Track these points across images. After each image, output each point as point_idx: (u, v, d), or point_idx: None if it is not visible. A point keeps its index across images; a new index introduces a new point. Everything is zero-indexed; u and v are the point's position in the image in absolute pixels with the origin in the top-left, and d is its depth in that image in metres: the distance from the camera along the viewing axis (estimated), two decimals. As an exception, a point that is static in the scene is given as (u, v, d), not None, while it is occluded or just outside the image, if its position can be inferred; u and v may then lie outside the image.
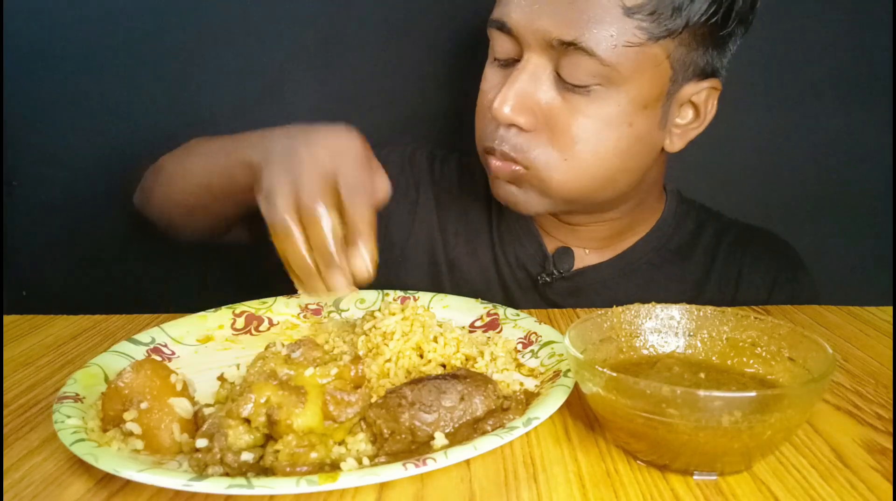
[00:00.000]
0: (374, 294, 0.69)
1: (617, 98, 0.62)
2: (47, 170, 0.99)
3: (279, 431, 0.40)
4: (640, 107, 0.63)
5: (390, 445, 0.42)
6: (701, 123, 0.69)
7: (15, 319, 0.69)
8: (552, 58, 0.62)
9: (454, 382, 0.46)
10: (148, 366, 0.46)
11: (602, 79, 0.61)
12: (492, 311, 0.65)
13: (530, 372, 0.55)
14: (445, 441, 0.42)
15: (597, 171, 0.65)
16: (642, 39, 0.59)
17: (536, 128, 0.63)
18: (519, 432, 0.42)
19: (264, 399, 0.41)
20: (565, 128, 0.63)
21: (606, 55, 0.59)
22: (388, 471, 0.38)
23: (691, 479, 0.40)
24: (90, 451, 0.39)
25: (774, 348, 0.46)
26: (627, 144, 0.64)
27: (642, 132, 0.64)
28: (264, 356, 0.48)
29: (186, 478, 0.37)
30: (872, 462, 0.42)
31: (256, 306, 0.66)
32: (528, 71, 0.62)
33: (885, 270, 0.97)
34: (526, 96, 0.62)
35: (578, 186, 0.65)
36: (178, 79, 0.97)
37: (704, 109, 0.68)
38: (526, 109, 0.63)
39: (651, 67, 0.61)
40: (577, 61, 0.60)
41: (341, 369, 0.45)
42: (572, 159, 0.63)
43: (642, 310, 0.50)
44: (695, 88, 0.66)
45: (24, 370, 0.57)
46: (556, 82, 0.62)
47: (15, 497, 0.39)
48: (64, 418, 0.43)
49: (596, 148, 0.63)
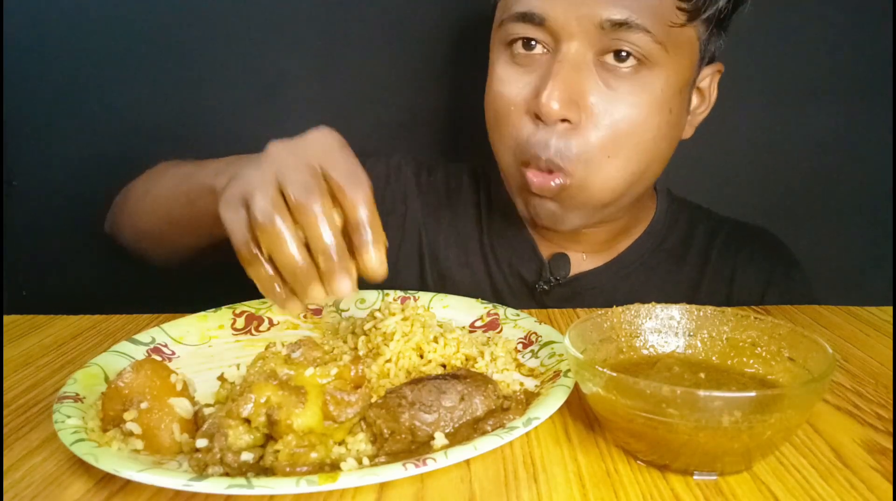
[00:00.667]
0: (375, 294, 0.69)
1: (658, 82, 0.61)
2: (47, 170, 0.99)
3: (279, 431, 0.40)
4: (677, 91, 0.63)
5: (390, 445, 0.42)
6: (707, 108, 0.69)
7: (15, 319, 0.69)
8: (594, 44, 0.60)
9: (454, 382, 0.46)
10: (148, 366, 0.46)
11: (649, 60, 0.60)
12: (492, 311, 0.65)
13: (530, 372, 0.55)
14: (445, 441, 0.42)
15: (637, 162, 0.64)
16: (682, 20, 0.60)
17: (581, 122, 0.61)
18: (519, 432, 0.42)
19: (264, 399, 0.41)
20: (610, 118, 0.61)
21: (657, 31, 0.59)
22: (387, 471, 0.38)
23: (691, 479, 0.40)
24: (90, 451, 0.39)
25: (774, 348, 0.46)
26: (666, 130, 0.64)
27: (677, 118, 0.65)
28: (264, 356, 0.48)
29: (186, 478, 0.37)
30: (872, 462, 0.42)
31: (257, 305, 0.66)
32: (570, 61, 0.60)
33: (885, 270, 0.97)
34: (572, 89, 0.60)
35: (616, 185, 0.64)
36: (179, 79, 0.97)
37: (709, 93, 0.69)
38: (573, 102, 0.61)
39: (688, 49, 0.62)
40: (627, 41, 0.59)
41: (341, 369, 0.45)
42: (615, 156, 0.62)
43: (642, 310, 0.50)
44: (704, 73, 0.67)
45: (24, 370, 0.57)
46: (598, 70, 0.61)
47: (15, 497, 0.39)
48: (64, 418, 0.43)
49: (641, 135, 0.62)
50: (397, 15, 0.96)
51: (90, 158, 0.98)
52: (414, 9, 0.95)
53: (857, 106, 0.96)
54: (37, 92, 0.96)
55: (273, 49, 0.96)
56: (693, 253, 0.79)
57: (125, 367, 0.46)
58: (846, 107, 0.96)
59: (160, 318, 0.67)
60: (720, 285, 0.78)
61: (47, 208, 1.00)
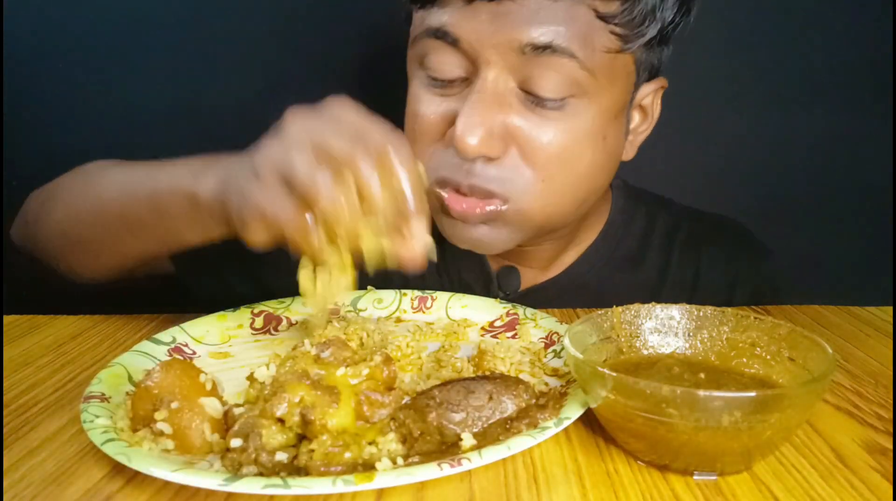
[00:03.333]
0: (392, 294, 0.68)
1: (590, 110, 0.56)
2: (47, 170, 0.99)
3: (313, 431, 0.40)
4: (612, 117, 0.58)
5: (420, 445, 0.42)
6: (649, 125, 0.65)
7: (15, 319, 0.69)
8: (516, 71, 0.55)
9: (483, 382, 0.45)
10: (177, 366, 0.46)
11: (577, 89, 0.55)
12: (511, 311, 0.64)
13: (553, 372, 0.54)
14: (473, 441, 0.42)
15: (575, 191, 0.59)
16: (617, 46, 0.55)
17: (505, 154, 0.56)
18: (551, 432, 0.42)
19: (298, 399, 0.41)
20: (539, 148, 0.56)
21: (585, 57, 0.54)
22: (423, 471, 0.37)
23: (691, 479, 0.40)
24: (122, 451, 0.39)
25: (774, 348, 0.46)
26: (602, 158, 0.59)
27: (614, 145, 0.60)
28: (293, 356, 0.47)
29: (221, 478, 0.37)
30: (872, 462, 0.42)
31: (274, 305, 0.66)
32: (489, 90, 0.54)
33: (885, 270, 0.97)
34: (492, 122, 0.55)
35: (555, 211, 0.60)
36: (179, 79, 0.97)
37: (651, 110, 0.64)
38: (493, 136, 0.55)
39: (623, 75, 0.58)
40: (551, 68, 0.54)
41: (373, 369, 0.45)
42: (550, 181, 0.57)
43: (642, 310, 0.50)
44: (646, 90, 0.62)
45: (24, 370, 0.57)
46: (523, 99, 0.56)
47: (15, 497, 0.39)
48: (92, 417, 0.43)
49: (575, 167, 0.58)
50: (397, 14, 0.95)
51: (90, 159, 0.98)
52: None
53: (857, 106, 0.96)
54: (37, 91, 0.96)
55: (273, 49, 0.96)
56: (652, 255, 0.74)
57: (154, 367, 0.46)
58: (846, 107, 0.96)
59: (160, 318, 0.68)
60: (682, 290, 0.74)
61: (47, 208, 1.00)
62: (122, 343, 0.62)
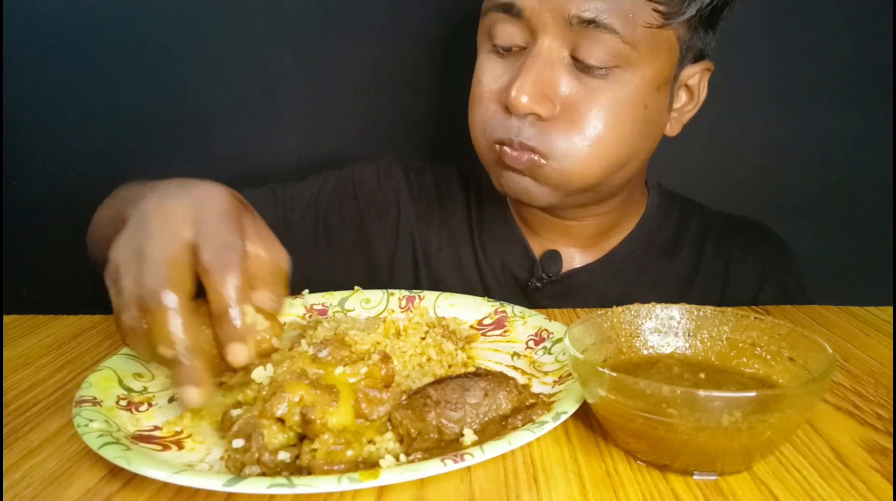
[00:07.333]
0: (380, 294, 0.68)
1: (633, 80, 0.61)
2: (47, 170, 1.00)
3: (314, 430, 0.40)
4: (654, 88, 0.63)
5: (418, 444, 0.42)
6: (695, 106, 0.70)
7: (15, 319, 0.69)
8: (568, 41, 0.61)
9: (476, 379, 0.46)
10: None
11: (621, 59, 0.60)
12: (499, 309, 0.65)
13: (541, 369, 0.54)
14: (475, 438, 0.42)
15: (616, 155, 0.64)
16: (659, 22, 0.60)
17: (554, 116, 0.62)
18: (549, 426, 0.42)
19: (298, 398, 0.41)
20: (585, 113, 0.61)
21: (626, 33, 0.59)
22: (426, 467, 0.38)
23: (691, 479, 0.40)
24: (121, 454, 0.39)
25: (774, 348, 0.46)
26: (643, 125, 0.64)
27: (655, 114, 0.65)
28: (291, 356, 0.47)
29: (225, 479, 0.36)
30: (872, 462, 0.42)
31: None
32: (544, 56, 0.61)
33: (885, 270, 0.97)
34: (543, 83, 0.61)
35: (597, 173, 0.64)
36: (179, 79, 0.97)
37: (698, 91, 0.69)
38: (544, 97, 0.61)
39: (665, 48, 0.62)
40: (597, 41, 0.59)
41: (371, 367, 0.46)
42: (595, 145, 0.62)
43: (642, 310, 0.50)
44: (692, 71, 0.67)
45: (24, 370, 0.57)
46: (572, 67, 0.61)
47: (15, 497, 0.39)
48: (87, 421, 0.42)
49: (617, 131, 0.63)
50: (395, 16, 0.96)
51: (90, 159, 0.99)
52: (410, 9, 0.95)
53: (858, 106, 0.96)
54: (37, 92, 0.96)
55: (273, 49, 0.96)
56: (686, 248, 0.78)
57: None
58: (846, 107, 0.96)
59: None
60: (714, 280, 0.78)
61: (47, 208, 1.00)
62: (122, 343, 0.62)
